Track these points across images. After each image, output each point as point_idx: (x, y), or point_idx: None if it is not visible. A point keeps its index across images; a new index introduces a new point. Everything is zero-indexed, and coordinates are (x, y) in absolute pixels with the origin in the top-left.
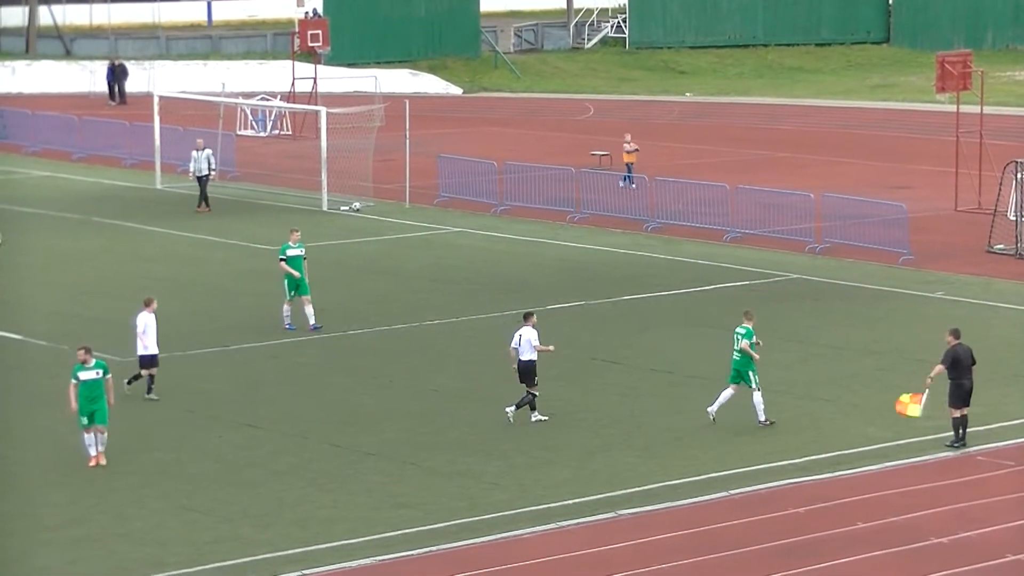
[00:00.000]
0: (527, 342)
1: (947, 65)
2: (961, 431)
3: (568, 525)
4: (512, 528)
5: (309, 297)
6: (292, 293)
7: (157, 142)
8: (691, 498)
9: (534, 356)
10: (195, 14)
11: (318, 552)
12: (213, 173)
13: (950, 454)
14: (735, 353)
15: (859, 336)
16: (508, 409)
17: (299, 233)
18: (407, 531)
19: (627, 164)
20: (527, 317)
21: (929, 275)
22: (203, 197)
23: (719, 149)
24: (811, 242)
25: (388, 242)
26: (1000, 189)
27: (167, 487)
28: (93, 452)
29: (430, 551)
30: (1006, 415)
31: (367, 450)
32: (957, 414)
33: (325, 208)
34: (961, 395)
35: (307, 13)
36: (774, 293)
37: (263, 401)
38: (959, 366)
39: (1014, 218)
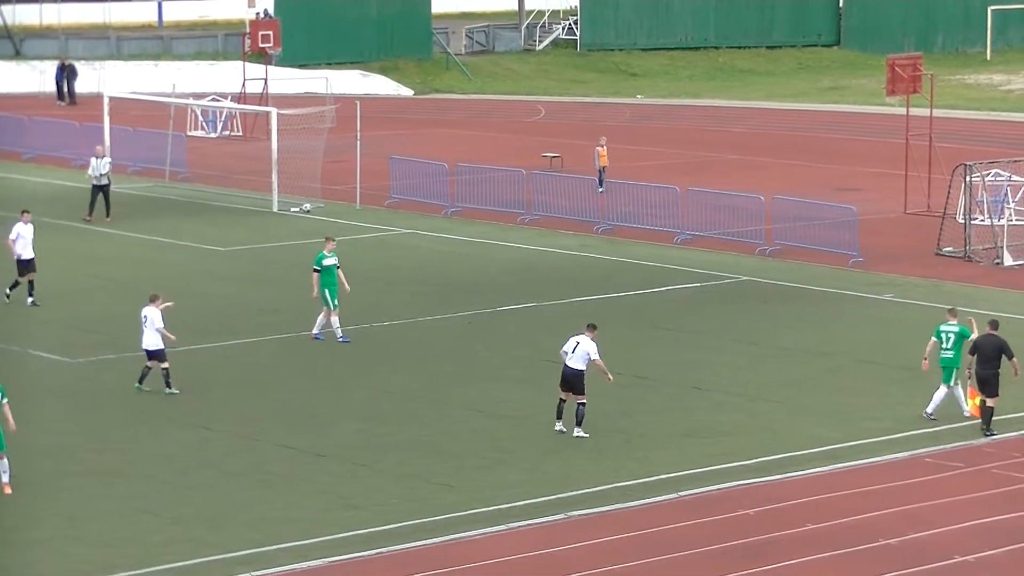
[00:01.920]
0: (584, 353)
1: (897, 68)
2: (988, 419)
3: (519, 526)
4: (463, 529)
5: (337, 309)
6: (335, 302)
7: (107, 142)
8: (642, 499)
9: (583, 366)
10: (146, 14)
11: (270, 553)
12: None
13: (899, 455)
14: (944, 352)
15: (809, 338)
16: (557, 426)
17: (334, 243)
18: (359, 532)
19: (601, 168)
20: (590, 328)
21: (879, 277)
22: (101, 205)
23: (670, 151)
24: (761, 244)
25: (339, 243)
26: (949, 192)
27: (119, 489)
28: (5, 479)
29: (381, 552)
30: (953, 418)
31: (318, 451)
32: (979, 399)
33: (275, 209)
34: (978, 382)
35: (258, 14)
36: (724, 295)
37: (215, 402)
38: (980, 355)
39: (963, 221)
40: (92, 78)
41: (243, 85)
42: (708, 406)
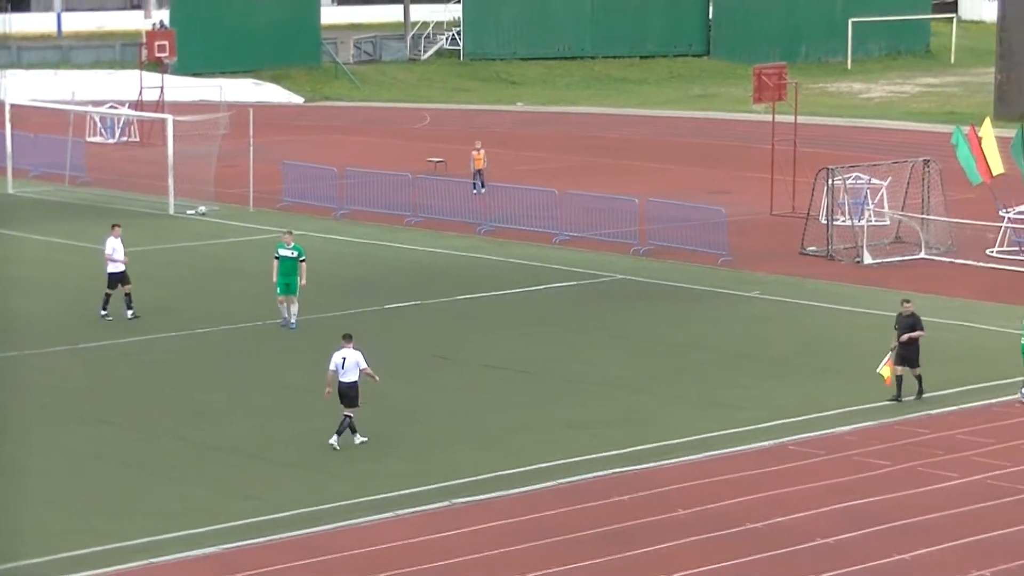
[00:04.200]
0: (354, 364)
1: (763, 77)
2: (907, 390)
3: (406, 514)
4: (353, 517)
5: (295, 297)
6: (279, 291)
7: (9, 148)
8: (522, 487)
9: (357, 377)
10: (45, 25)
11: (165, 541)
12: None
13: (766, 444)
14: None
15: (681, 333)
16: (332, 440)
17: (290, 236)
18: (252, 520)
19: (478, 171)
20: (348, 339)
21: (746, 275)
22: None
23: (549, 156)
24: (636, 244)
25: (233, 245)
26: (812, 194)
27: (20, 481)
28: None
29: (273, 539)
30: (816, 407)
31: (214, 444)
32: (900, 372)
33: (172, 212)
34: (905, 356)
35: (154, 24)
36: (602, 293)
37: (113, 397)
38: (904, 331)
39: (825, 222)
40: None
41: (140, 93)
42: (586, 398)
